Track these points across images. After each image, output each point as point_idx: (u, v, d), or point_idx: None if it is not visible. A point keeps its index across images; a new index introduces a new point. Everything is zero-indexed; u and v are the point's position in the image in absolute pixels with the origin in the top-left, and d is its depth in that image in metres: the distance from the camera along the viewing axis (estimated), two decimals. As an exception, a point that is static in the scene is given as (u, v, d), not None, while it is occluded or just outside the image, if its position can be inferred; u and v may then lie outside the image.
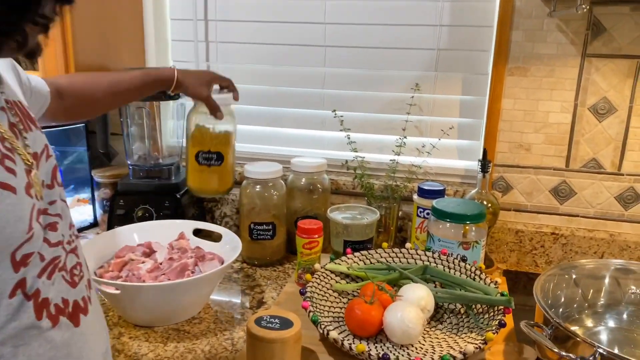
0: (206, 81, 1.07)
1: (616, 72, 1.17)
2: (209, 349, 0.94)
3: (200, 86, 1.05)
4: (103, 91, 1.00)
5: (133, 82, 1.02)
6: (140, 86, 1.03)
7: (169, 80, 1.04)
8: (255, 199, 1.24)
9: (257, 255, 1.26)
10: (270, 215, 1.25)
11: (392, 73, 1.37)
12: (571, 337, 0.80)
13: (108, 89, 1.01)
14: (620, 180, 1.23)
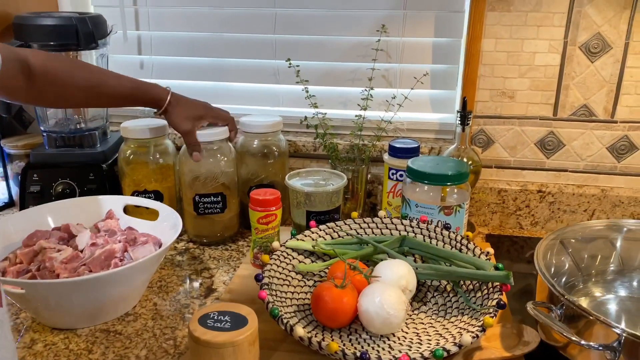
0: (196, 115, 0.98)
1: (612, 3, 1.02)
2: (146, 353, 0.76)
3: (185, 119, 0.96)
4: (80, 88, 0.88)
5: (119, 90, 0.92)
6: (124, 97, 0.93)
7: (160, 102, 0.95)
8: (199, 166, 1.04)
9: (205, 233, 1.08)
10: (219, 185, 1.06)
11: (354, 13, 1.17)
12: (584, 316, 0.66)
13: (88, 88, 0.89)
14: (614, 129, 1.10)
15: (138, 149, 1.05)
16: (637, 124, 1.09)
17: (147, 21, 1.25)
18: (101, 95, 0.91)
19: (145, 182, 1.05)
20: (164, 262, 1.01)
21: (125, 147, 1.05)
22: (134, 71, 1.28)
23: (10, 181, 1.21)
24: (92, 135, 1.10)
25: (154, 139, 1.05)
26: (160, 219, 0.94)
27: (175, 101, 0.96)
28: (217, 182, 1.05)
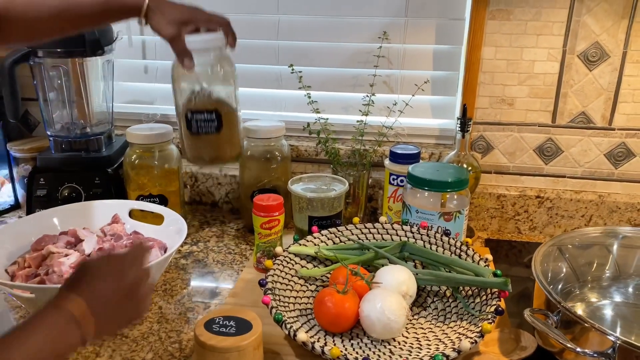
0: (182, 18, 0.82)
1: (610, 12, 1.04)
2: (152, 356, 0.78)
3: (168, 23, 0.80)
4: (50, 14, 0.79)
5: (91, 7, 0.80)
6: (100, 12, 0.81)
7: (138, 7, 0.80)
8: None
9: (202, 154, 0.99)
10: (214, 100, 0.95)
11: (356, 20, 1.19)
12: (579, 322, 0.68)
13: (57, 13, 0.80)
14: (611, 136, 1.11)
15: (143, 153, 1.07)
16: (634, 131, 1.10)
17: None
18: (73, 17, 0.81)
19: (150, 187, 1.07)
20: (169, 266, 1.02)
21: (131, 151, 1.07)
22: (138, 75, 1.30)
23: (16, 184, 1.23)
24: (98, 140, 1.12)
25: (158, 144, 1.07)
26: (165, 224, 0.96)
27: (155, 4, 0.81)
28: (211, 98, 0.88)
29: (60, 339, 0.53)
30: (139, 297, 0.62)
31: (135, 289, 0.62)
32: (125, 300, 0.60)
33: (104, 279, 0.59)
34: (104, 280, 0.59)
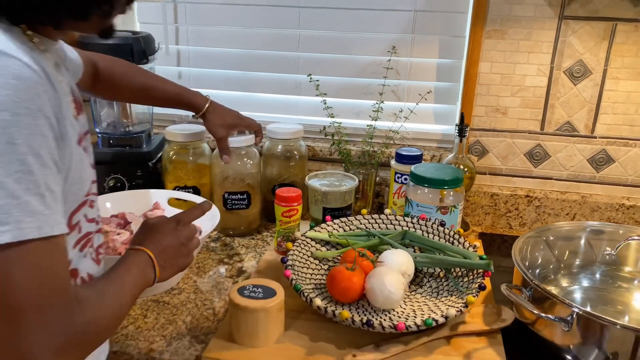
0: (229, 123, 1.11)
1: (592, 34, 1.17)
2: (190, 319, 0.93)
3: (220, 126, 1.09)
4: (134, 89, 1.05)
5: (165, 95, 1.08)
6: (169, 101, 1.09)
7: (199, 108, 1.08)
8: (228, 168, 1.21)
9: (232, 225, 1.24)
10: (245, 184, 1.22)
11: (368, 35, 1.34)
12: (549, 298, 0.82)
13: (139, 90, 1.06)
14: (593, 143, 1.25)
15: (180, 150, 1.22)
16: (614, 139, 1.24)
17: (186, 38, 1.42)
18: (150, 97, 1.09)
19: (185, 179, 1.23)
20: (201, 248, 1.17)
21: (169, 148, 1.23)
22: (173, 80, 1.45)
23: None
24: (139, 137, 1.27)
25: (193, 142, 1.22)
26: (199, 211, 1.11)
27: (212, 109, 1.09)
28: (244, 182, 1.22)
29: (143, 277, 0.69)
30: (189, 249, 0.78)
31: (186, 243, 0.77)
32: (179, 251, 0.76)
33: (163, 234, 0.75)
34: (163, 235, 0.74)
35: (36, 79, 0.50)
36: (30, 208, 0.49)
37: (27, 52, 0.52)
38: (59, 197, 0.54)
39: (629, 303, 0.95)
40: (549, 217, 1.30)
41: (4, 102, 0.47)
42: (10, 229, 0.48)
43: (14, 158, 0.48)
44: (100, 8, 0.57)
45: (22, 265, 0.49)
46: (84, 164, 0.62)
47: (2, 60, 0.48)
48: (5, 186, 0.48)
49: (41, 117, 0.50)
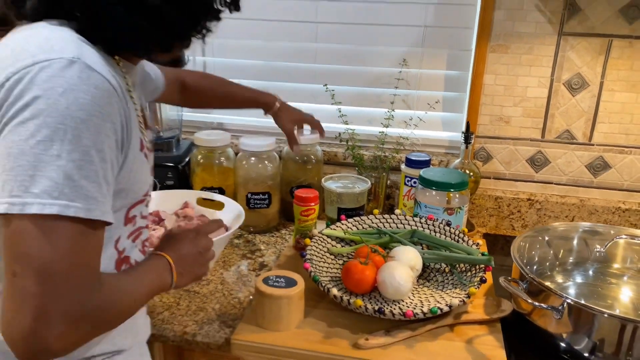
0: (295, 119, 1.26)
1: (589, 49, 1.26)
2: (219, 307, 1.03)
3: (288, 121, 1.24)
4: (219, 98, 1.22)
5: (244, 99, 1.24)
6: (247, 104, 1.25)
7: (270, 106, 1.23)
8: (250, 170, 1.31)
9: (253, 223, 1.35)
10: (266, 185, 1.33)
11: (380, 49, 1.44)
12: (543, 290, 0.91)
13: (223, 98, 1.22)
14: (591, 150, 1.34)
15: (207, 154, 1.33)
16: (610, 147, 1.32)
17: (212, 50, 1.53)
18: (232, 102, 1.25)
19: (211, 181, 1.33)
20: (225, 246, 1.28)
21: (197, 152, 1.34)
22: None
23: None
24: (170, 142, 1.38)
25: (219, 147, 1.33)
26: (225, 210, 1.21)
27: (281, 107, 1.24)
28: (265, 183, 1.32)
29: (160, 279, 0.75)
30: (205, 259, 0.85)
31: (203, 253, 0.84)
32: (196, 260, 0.82)
33: (182, 242, 0.82)
34: (183, 243, 0.82)
35: (112, 91, 0.61)
36: (84, 192, 0.58)
37: (111, 71, 0.63)
38: (112, 191, 0.63)
39: (618, 297, 1.04)
40: (550, 219, 1.38)
41: (83, 104, 0.58)
42: (59, 203, 0.56)
43: (79, 148, 0.57)
44: (182, 42, 0.69)
45: (62, 237, 0.57)
46: (145, 167, 0.72)
47: (90, 73, 0.59)
48: (65, 170, 0.56)
49: (109, 121, 0.61)
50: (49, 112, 0.56)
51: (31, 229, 0.56)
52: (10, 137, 0.57)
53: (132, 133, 0.66)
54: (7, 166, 0.57)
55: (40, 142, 0.56)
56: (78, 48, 0.61)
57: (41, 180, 0.56)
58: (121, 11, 0.63)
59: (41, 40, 0.61)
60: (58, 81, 0.57)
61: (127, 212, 0.72)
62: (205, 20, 0.70)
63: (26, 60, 0.59)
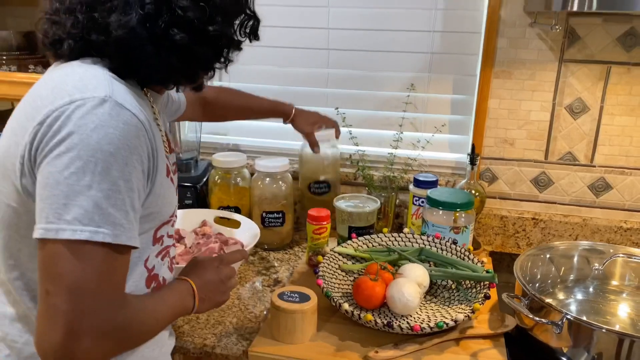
0: (312, 121, 1.34)
1: (589, 75, 1.32)
2: (236, 321, 1.09)
3: (307, 125, 1.33)
4: (238, 110, 1.31)
5: (261, 109, 1.33)
6: (265, 114, 1.34)
7: (288, 114, 1.32)
8: (265, 190, 1.38)
9: (268, 241, 1.41)
10: (280, 204, 1.39)
11: (389, 74, 1.51)
12: (544, 306, 0.96)
13: (242, 110, 1.31)
14: (592, 172, 1.39)
15: (224, 175, 1.40)
16: (611, 168, 1.37)
17: (229, 75, 1.61)
18: (250, 113, 1.33)
19: (228, 200, 1.40)
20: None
21: (214, 173, 1.41)
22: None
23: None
24: (188, 164, 1.46)
25: (235, 168, 1.40)
26: (242, 228, 1.28)
27: (298, 113, 1.33)
28: (279, 203, 1.39)
29: (182, 302, 0.81)
30: (227, 287, 0.90)
31: (225, 281, 0.89)
32: (217, 287, 0.87)
33: (206, 270, 0.87)
34: (206, 271, 0.87)
35: (139, 127, 0.67)
36: (112, 219, 0.64)
37: (140, 105, 0.70)
38: (138, 217, 0.69)
39: (616, 313, 1.09)
40: (554, 238, 1.43)
41: (112, 138, 0.64)
42: (88, 230, 0.62)
43: (108, 179, 0.63)
44: (207, 73, 0.77)
45: (91, 259, 0.63)
46: (171, 191, 0.79)
47: (120, 110, 0.66)
48: (95, 199, 0.63)
49: (136, 153, 0.67)
50: (81, 147, 0.63)
51: (64, 252, 0.62)
52: (47, 168, 0.64)
53: (159, 161, 0.72)
54: (43, 195, 0.64)
55: (73, 174, 0.62)
56: (109, 86, 0.67)
57: (73, 208, 0.62)
58: (151, 51, 0.69)
59: (76, 79, 0.68)
60: (90, 118, 0.63)
61: (154, 233, 0.78)
62: (228, 51, 0.77)
63: (64, 99, 0.65)
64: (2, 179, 0.71)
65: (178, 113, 1.12)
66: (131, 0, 0.68)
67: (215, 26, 0.71)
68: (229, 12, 0.74)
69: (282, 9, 1.52)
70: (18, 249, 0.73)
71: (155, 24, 0.68)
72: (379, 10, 1.46)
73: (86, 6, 0.70)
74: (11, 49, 1.44)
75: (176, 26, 0.69)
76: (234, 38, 0.77)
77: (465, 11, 1.41)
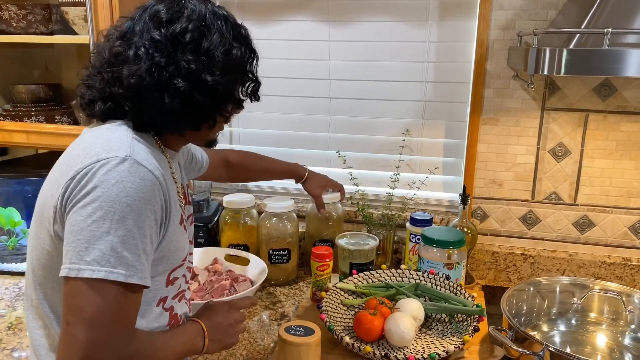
0: (322, 185, 1.45)
1: (569, 122, 1.44)
2: (246, 353, 1.18)
3: (316, 187, 1.43)
4: (258, 172, 1.42)
5: (279, 172, 1.43)
6: (282, 176, 1.45)
7: (301, 176, 1.43)
8: (272, 229, 1.49)
9: (274, 277, 1.50)
10: (286, 242, 1.49)
11: (387, 120, 1.63)
12: (527, 338, 1.05)
13: (262, 172, 1.43)
14: (576, 210, 1.49)
15: (234, 215, 1.51)
16: (593, 207, 1.48)
17: (237, 120, 1.74)
18: (269, 175, 1.44)
19: (237, 238, 1.51)
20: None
21: (225, 213, 1.52)
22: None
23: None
24: (201, 205, 1.57)
25: (244, 208, 1.51)
26: (250, 266, 1.38)
27: (310, 176, 1.43)
28: (285, 241, 1.49)
29: (192, 342, 0.89)
30: (236, 330, 0.98)
31: (234, 325, 0.98)
32: (226, 330, 0.95)
33: (217, 313, 0.96)
34: (217, 314, 0.95)
35: (154, 181, 0.77)
36: (126, 261, 0.72)
37: (157, 163, 0.79)
38: (150, 260, 0.77)
39: (595, 343, 1.18)
40: (542, 272, 1.52)
41: (129, 191, 0.74)
42: (104, 270, 0.71)
43: (124, 227, 0.73)
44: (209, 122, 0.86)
45: (107, 296, 0.71)
46: (183, 237, 0.88)
47: (138, 167, 0.76)
48: (112, 244, 0.72)
49: (150, 204, 0.76)
50: (103, 199, 0.72)
51: (83, 289, 0.71)
52: (74, 216, 0.74)
53: (172, 210, 0.82)
54: (69, 239, 0.73)
55: (95, 222, 0.72)
56: (131, 147, 0.78)
57: (93, 251, 0.71)
58: (157, 96, 0.79)
59: (104, 141, 0.78)
60: (112, 174, 0.74)
61: (168, 275, 0.87)
62: (228, 106, 0.87)
63: (92, 158, 0.76)
64: (40, 226, 0.82)
65: (201, 171, 1.23)
66: (141, 53, 0.79)
67: (214, 77, 0.81)
68: (229, 69, 0.83)
69: (288, 61, 1.65)
70: (52, 286, 0.83)
71: (161, 74, 0.79)
72: (376, 62, 1.59)
73: (108, 64, 0.82)
74: (39, 101, 1.57)
75: (179, 76, 0.79)
76: (233, 93, 0.87)
77: (454, 63, 1.54)
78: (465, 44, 1.51)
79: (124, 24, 0.84)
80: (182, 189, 0.92)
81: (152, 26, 0.81)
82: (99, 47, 0.86)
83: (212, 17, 0.83)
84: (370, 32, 1.58)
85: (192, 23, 0.81)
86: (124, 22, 0.85)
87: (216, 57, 0.81)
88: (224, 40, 0.82)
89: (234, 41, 0.84)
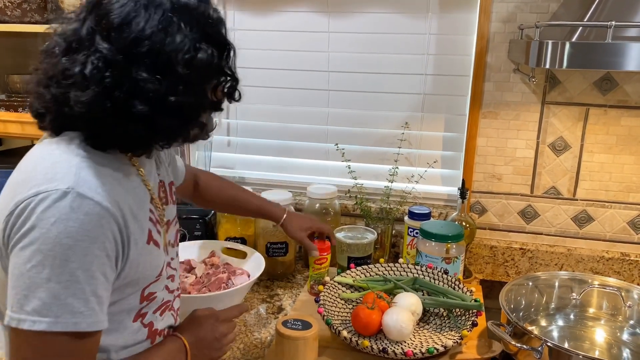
0: (305, 227, 1.30)
1: (569, 116, 1.43)
2: (243, 346, 1.17)
3: (299, 231, 1.28)
4: (225, 201, 1.27)
5: (249, 207, 1.28)
6: (252, 212, 1.31)
7: (277, 219, 1.28)
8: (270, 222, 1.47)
9: (271, 270, 1.49)
10: (283, 235, 1.48)
11: (386, 113, 1.62)
12: (526, 333, 1.05)
13: (229, 201, 1.27)
14: (575, 205, 1.49)
15: (231, 208, 1.50)
16: (592, 201, 1.47)
17: (235, 113, 1.72)
18: (237, 208, 1.29)
19: (234, 231, 1.50)
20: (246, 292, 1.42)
21: (222, 206, 1.50)
22: (222, 148, 1.75)
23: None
24: (198, 197, 1.55)
25: (242, 201, 1.49)
26: (248, 259, 1.37)
27: (289, 219, 1.28)
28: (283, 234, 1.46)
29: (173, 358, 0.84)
30: (222, 344, 0.90)
31: (220, 338, 0.90)
32: (211, 345, 0.88)
33: (201, 327, 0.88)
34: (201, 328, 0.88)
35: (102, 214, 0.68)
36: (71, 309, 0.66)
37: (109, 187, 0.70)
38: (105, 301, 0.70)
39: (594, 339, 1.17)
40: (541, 267, 1.52)
41: (70, 232, 0.65)
42: (46, 321, 0.65)
43: (66, 271, 0.65)
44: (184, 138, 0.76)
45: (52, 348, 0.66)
46: (153, 255, 0.79)
47: (82, 201, 0.67)
48: (53, 291, 0.65)
49: (97, 242, 0.67)
50: (42, 241, 0.65)
51: (25, 341, 0.67)
52: (14, 259, 0.67)
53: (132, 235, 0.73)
54: (11, 284, 0.67)
55: (34, 267, 0.65)
56: (76, 175, 0.69)
57: (33, 300, 0.65)
58: (112, 122, 0.69)
59: (48, 166, 0.70)
60: (52, 212, 0.65)
61: (142, 292, 0.80)
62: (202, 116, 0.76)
63: (31, 190, 0.67)
64: None
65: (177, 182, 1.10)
66: (89, 75, 0.67)
67: (178, 97, 0.70)
68: (195, 80, 0.71)
69: (286, 53, 1.63)
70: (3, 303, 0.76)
71: (114, 98, 0.68)
72: (375, 55, 1.58)
73: (55, 81, 0.71)
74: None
75: (136, 97, 0.68)
76: (204, 104, 0.76)
77: (454, 56, 1.52)
78: (466, 36, 1.49)
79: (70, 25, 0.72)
80: (162, 187, 0.86)
81: (100, 34, 0.68)
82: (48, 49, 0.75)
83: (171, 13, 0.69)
84: (369, 23, 1.56)
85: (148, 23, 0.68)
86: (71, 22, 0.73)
87: (178, 70, 0.69)
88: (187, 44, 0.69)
89: (201, 41, 0.71)
